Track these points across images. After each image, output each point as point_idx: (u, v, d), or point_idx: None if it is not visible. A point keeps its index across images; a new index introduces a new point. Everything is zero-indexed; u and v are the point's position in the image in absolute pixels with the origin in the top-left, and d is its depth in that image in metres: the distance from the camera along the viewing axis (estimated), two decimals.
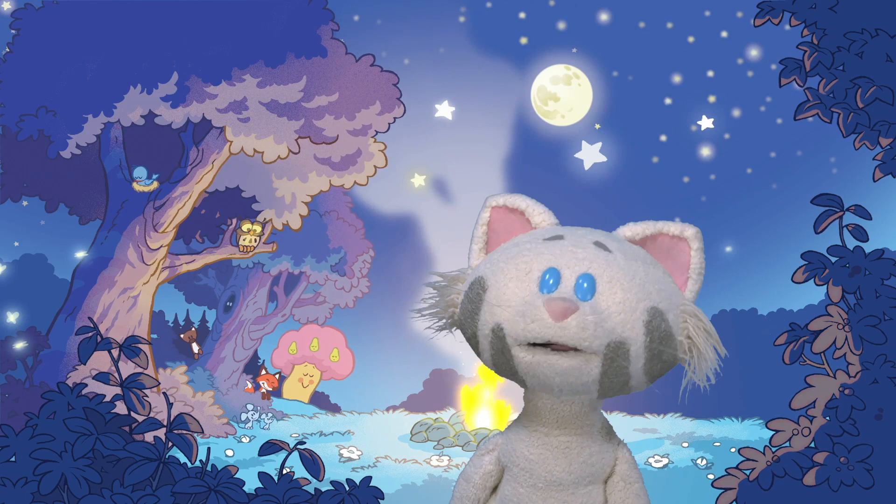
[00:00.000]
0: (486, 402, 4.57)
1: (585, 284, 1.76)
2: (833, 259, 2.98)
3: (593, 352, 1.74)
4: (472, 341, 1.89)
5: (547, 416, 1.90)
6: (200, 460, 2.62)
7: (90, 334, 2.60)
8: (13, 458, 2.56)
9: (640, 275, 1.80)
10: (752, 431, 4.37)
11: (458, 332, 1.95)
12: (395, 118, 4.41)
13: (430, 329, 1.95)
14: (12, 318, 4.30)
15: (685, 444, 4.45)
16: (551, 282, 1.77)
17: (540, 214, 1.95)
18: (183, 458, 2.61)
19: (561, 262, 1.79)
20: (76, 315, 4.37)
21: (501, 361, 1.83)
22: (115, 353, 2.61)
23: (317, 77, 4.38)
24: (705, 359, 1.84)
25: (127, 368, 2.63)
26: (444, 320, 1.94)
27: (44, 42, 4.31)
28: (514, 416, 1.99)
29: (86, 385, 2.68)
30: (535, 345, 1.76)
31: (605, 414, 1.98)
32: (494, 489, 2.01)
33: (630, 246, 1.88)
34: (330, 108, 4.39)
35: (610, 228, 1.99)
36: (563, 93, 4.48)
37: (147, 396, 2.64)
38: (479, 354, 1.91)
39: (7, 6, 4.33)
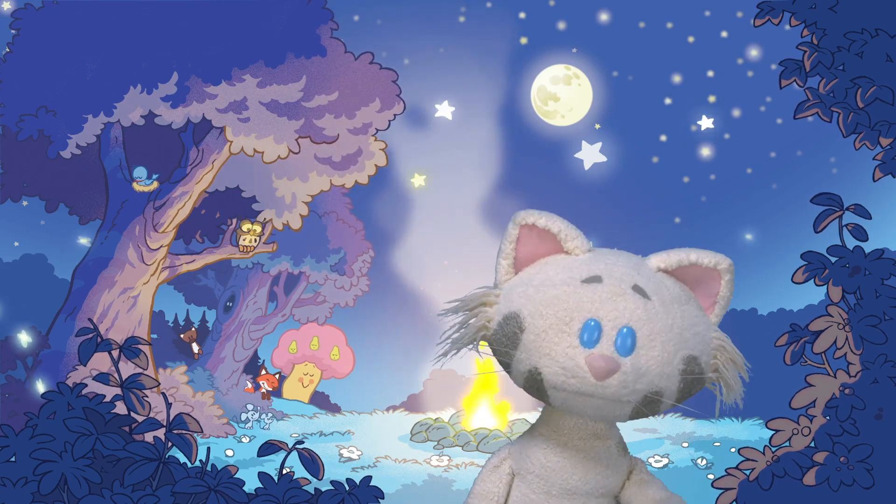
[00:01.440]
0: (488, 403, 4.57)
1: (627, 340, 1.76)
2: (833, 259, 2.98)
3: (629, 402, 1.78)
4: (504, 365, 1.88)
5: (571, 432, 1.91)
6: (200, 460, 2.61)
7: (90, 335, 2.60)
8: (13, 458, 2.56)
9: (677, 322, 1.81)
10: (752, 431, 4.37)
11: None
12: (395, 115, 4.40)
13: (454, 353, 1.90)
14: (13, 320, 4.30)
15: (685, 444, 4.45)
16: (594, 336, 1.76)
17: (574, 240, 1.89)
18: (183, 458, 2.61)
19: (602, 314, 1.77)
20: (76, 315, 4.37)
21: (534, 392, 1.85)
22: (115, 353, 2.61)
23: (316, 76, 4.38)
24: (732, 390, 1.88)
25: (127, 369, 2.63)
26: (470, 342, 1.90)
27: (44, 42, 4.31)
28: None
29: (86, 385, 2.67)
30: None
31: None
32: None
33: (664, 283, 1.86)
34: (330, 107, 4.39)
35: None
36: (563, 93, 4.48)
37: (147, 397, 2.64)
38: (506, 371, 1.89)
39: (7, 6, 4.33)
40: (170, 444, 2.58)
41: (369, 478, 2.70)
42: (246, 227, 4.58)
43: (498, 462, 2.01)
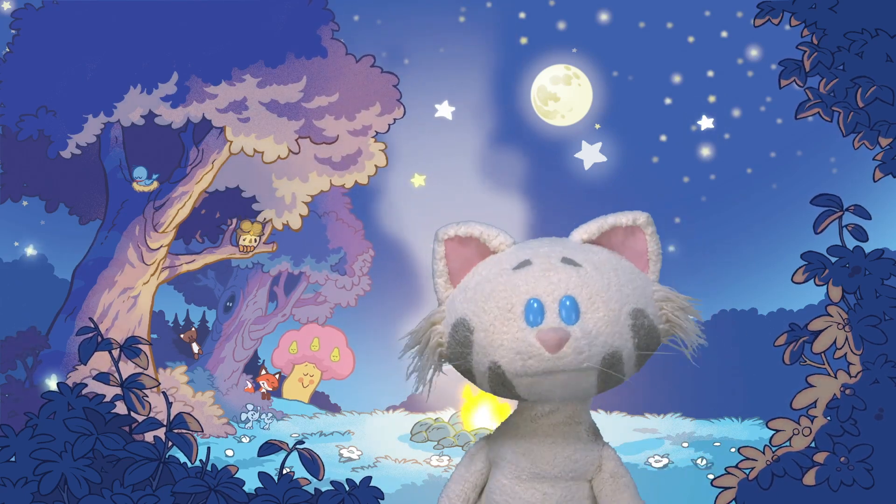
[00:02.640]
0: (487, 403, 4.57)
1: (569, 306, 1.81)
2: (833, 259, 2.98)
3: (591, 368, 1.81)
4: (467, 375, 1.94)
5: (543, 418, 1.96)
6: (200, 460, 2.62)
7: (91, 335, 2.60)
8: (13, 458, 2.56)
9: (613, 281, 1.86)
10: (752, 431, 4.36)
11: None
12: (394, 119, 4.41)
13: (423, 381, 1.97)
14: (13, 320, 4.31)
15: (685, 444, 4.45)
16: (538, 313, 1.81)
17: (496, 238, 1.96)
18: (183, 458, 2.61)
19: (539, 291, 1.82)
20: (76, 315, 4.37)
21: (501, 390, 1.89)
22: (116, 353, 2.61)
23: (317, 77, 4.38)
24: (688, 333, 1.93)
25: (127, 368, 2.63)
26: (433, 364, 1.97)
27: (44, 42, 4.31)
28: None
29: (86, 385, 2.68)
30: None
31: (604, 414, 2.02)
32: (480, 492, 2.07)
33: (592, 249, 1.93)
34: (330, 108, 4.39)
35: None
36: (563, 93, 4.48)
37: (147, 396, 2.64)
38: (472, 382, 1.95)
39: (7, 6, 4.34)
40: (170, 443, 2.58)
41: (369, 478, 2.70)
42: (246, 227, 4.58)
43: (475, 451, 2.08)
